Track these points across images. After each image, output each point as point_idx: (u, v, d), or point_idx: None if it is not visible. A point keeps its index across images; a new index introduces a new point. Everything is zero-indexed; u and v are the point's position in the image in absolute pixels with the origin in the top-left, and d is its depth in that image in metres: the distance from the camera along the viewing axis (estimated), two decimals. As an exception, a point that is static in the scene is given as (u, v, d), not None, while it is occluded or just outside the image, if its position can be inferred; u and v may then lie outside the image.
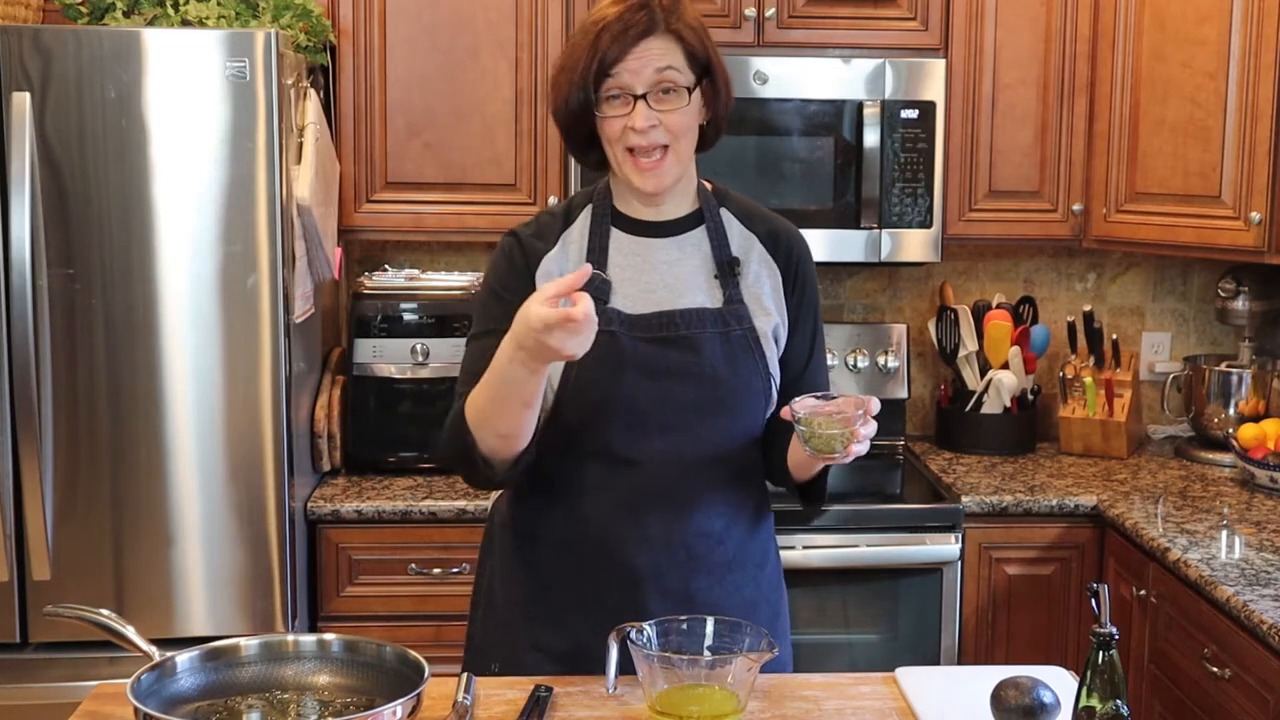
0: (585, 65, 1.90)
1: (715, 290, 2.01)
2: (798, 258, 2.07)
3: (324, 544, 3.05)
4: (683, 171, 2.00)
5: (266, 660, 1.77)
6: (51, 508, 2.79)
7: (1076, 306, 3.71)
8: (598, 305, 1.90)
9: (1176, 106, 3.21)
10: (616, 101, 1.92)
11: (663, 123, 1.91)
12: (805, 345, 2.07)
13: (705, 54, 1.95)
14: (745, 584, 2.04)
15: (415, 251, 3.64)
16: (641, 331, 1.97)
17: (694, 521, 1.99)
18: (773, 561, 2.13)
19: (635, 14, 1.90)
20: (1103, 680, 1.56)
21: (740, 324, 1.99)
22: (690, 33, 1.94)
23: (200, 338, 2.80)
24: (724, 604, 1.98)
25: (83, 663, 2.76)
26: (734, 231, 2.05)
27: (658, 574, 1.98)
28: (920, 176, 3.28)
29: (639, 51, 1.89)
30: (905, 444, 3.66)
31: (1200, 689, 2.59)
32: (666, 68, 1.91)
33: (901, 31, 3.34)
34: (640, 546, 1.98)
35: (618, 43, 1.89)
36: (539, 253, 2.02)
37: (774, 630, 2.06)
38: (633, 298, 1.99)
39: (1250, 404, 3.46)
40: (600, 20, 1.91)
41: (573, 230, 2.04)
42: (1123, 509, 3.03)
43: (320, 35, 3.12)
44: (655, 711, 1.70)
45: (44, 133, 2.71)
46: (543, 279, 1.98)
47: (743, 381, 1.96)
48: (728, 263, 2.01)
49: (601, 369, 1.94)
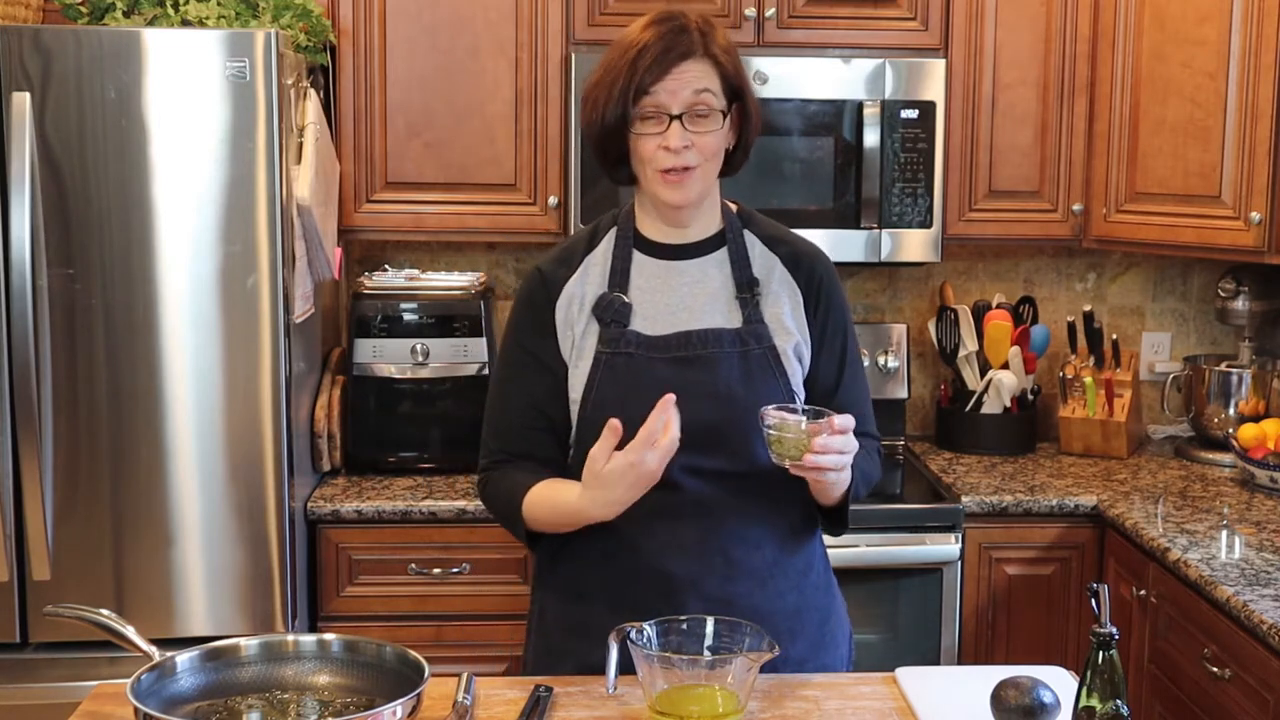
0: (625, 83, 1.94)
1: (735, 311, 2.03)
2: (820, 278, 2.08)
3: (324, 544, 3.05)
4: (706, 190, 2.03)
5: (266, 660, 1.77)
6: (51, 508, 2.79)
7: (1076, 306, 3.71)
8: (618, 328, 1.99)
9: (1176, 106, 3.21)
10: (651, 121, 1.95)
11: (695, 144, 1.95)
12: (834, 365, 2.08)
13: (738, 79, 1.99)
14: (788, 590, 2.04)
15: (415, 251, 3.64)
16: (660, 352, 2.00)
17: (729, 528, 2.00)
18: (818, 568, 2.12)
19: (676, 37, 1.95)
20: (1103, 680, 1.56)
21: (760, 343, 2.01)
22: (726, 58, 1.98)
23: (200, 338, 2.80)
24: (766, 609, 1.98)
25: (83, 663, 2.76)
26: (756, 253, 2.08)
27: (696, 581, 1.98)
28: (920, 176, 3.28)
29: (678, 73, 1.94)
30: (905, 444, 3.66)
31: (1200, 689, 2.59)
32: (703, 90, 1.95)
33: (901, 31, 3.34)
34: (676, 554, 1.99)
35: (658, 64, 1.93)
36: (561, 281, 2.06)
37: (821, 635, 2.08)
38: (653, 319, 2.02)
39: (1250, 404, 3.46)
40: (640, 41, 1.95)
41: (595, 254, 2.07)
42: (1123, 509, 3.03)
43: (320, 35, 3.12)
44: (655, 711, 1.70)
45: (44, 133, 2.71)
46: (563, 307, 2.04)
47: (761, 399, 1.97)
48: (748, 283, 2.04)
49: (620, 390, 1.97)
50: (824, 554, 2.16)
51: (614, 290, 2.03)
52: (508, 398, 2.06)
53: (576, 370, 2.02)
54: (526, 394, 2.05)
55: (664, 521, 1.98)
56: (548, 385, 2.03)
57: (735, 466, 1.99)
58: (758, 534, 2.02)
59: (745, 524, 2.01)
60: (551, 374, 2.03)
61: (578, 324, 2.02)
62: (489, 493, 2.08)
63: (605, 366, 1.99)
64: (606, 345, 2.00)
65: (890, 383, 3.63)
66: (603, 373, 1.99)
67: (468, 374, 3.25)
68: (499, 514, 2.07)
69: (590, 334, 2.01)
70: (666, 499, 1.97)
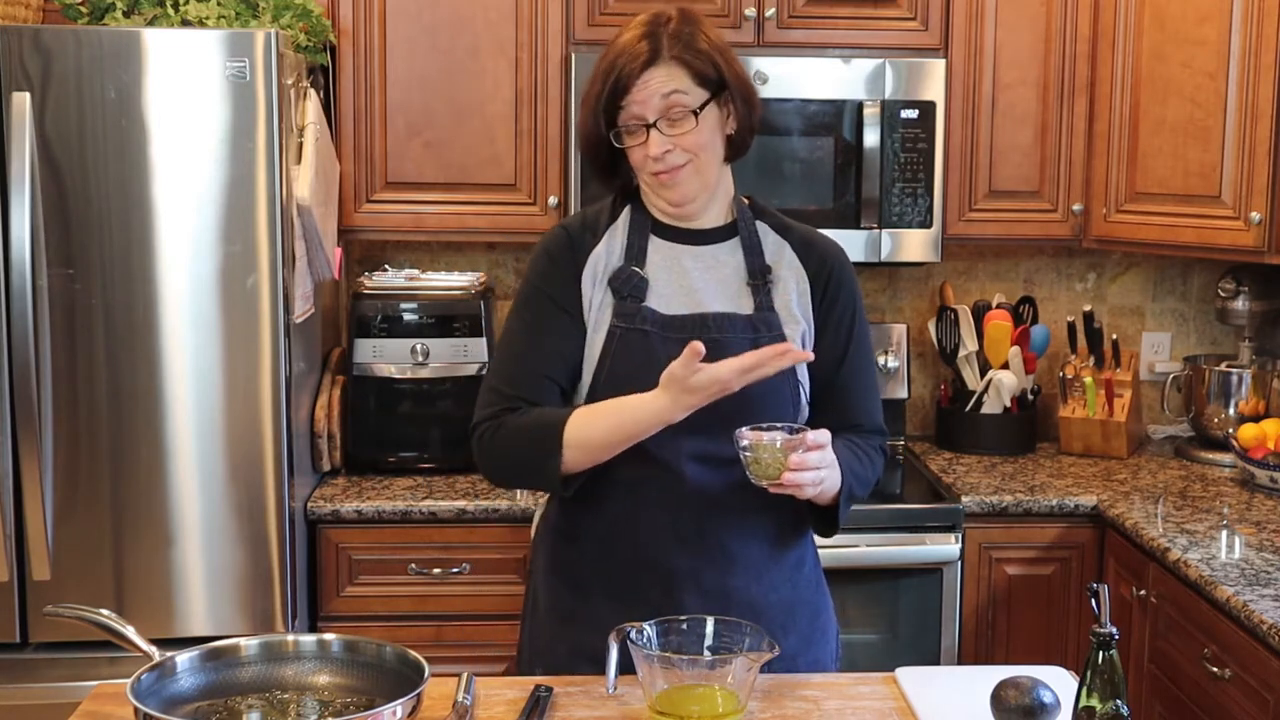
0: (597, 97, 1.98)
1: (746, 298, 2.04)
2: (831, 266, 2.09)
3: (324, 544, 3.05)
4: (705, 182, 2.03)
5: (266, 660, 1.77)
6: (51, 508, 2.79)
7: (1076, 306, 3.71)
8: (633, 303, 2.00)
9: (1176, 106, 3.21)
10: (635, 132, 1.98)
11: (677, 145, 1.97)
12: (836, 354, 2.08)
13: (716, 73, 1.99)
14: (782, 584, 2.06)
15: (415, 251, 3.64)
16: (674, 332, 2.00)
17: (729, 520, 2.01)
18: (811, 563, 2.14)
19: (638, 44, 1.97)
20: (1103, 680, 1.56)
21: (770, 331, 2.02)
22: (696, 56, 1.97)
23: (200, 338, 2.80)
24: (761, 603, 2.00)
25: (83, 663, 2.76)
26: (769, 242, 2.09)
27: (695, 573, 2.00)
28: (920, 176, 3.28)
29: (643, 82, 1.96)
30: (905, 444, 3.66)
31: (1200, 689, 2.59)
32: (672, 92, 1.96)
33: (901, 31, 3.34)
34: (676, 545, 2.00)
35: (626, 76, 1.96)
36: (587, 248, 2.06)
37: (812, 630, 2.10)
38: (667, 298, 2.03)
39: (1250, 404, 3.46)
40: (610, 54, 1.99)
41: (617, 225, 2.08)
42: (1123, 509, 3.03)
43: (320, 35, 3.12)
44: (655, 711, 1.70)
45: (44, 133, 2.71)
46: (589, 276, 2.03)
47: (769, 388, 1.97)
48: (760, 270, 2.05)
49: (633, 367, 1.98)
50: (815, 550, 2.17)
51: (631, 265, 2.03)
52: (530, 344, 2.02)
53: (591, 341, 2.02)
54: (553, 341, 2.02)
55: (664, 512, 1.99)
56: (573, 339, 2.02)
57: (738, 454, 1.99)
58: (755, 527, 2.03)
59: (744, 516, 2.02)
60: (575, 328, 2.02)
61: (596, 292, 2.03)
62: (501, 435, 1.99)
63: (620, 340, 2.00)
64: (621, 319, 2.00)
65: (890, 383, 3.63)
66: (617, 346, 2.00)
67: (468, 374, 3.25)
68: (519, 452, 1.98)
69: (606, 306, 2.02)
70: (669, 488, 1.98)
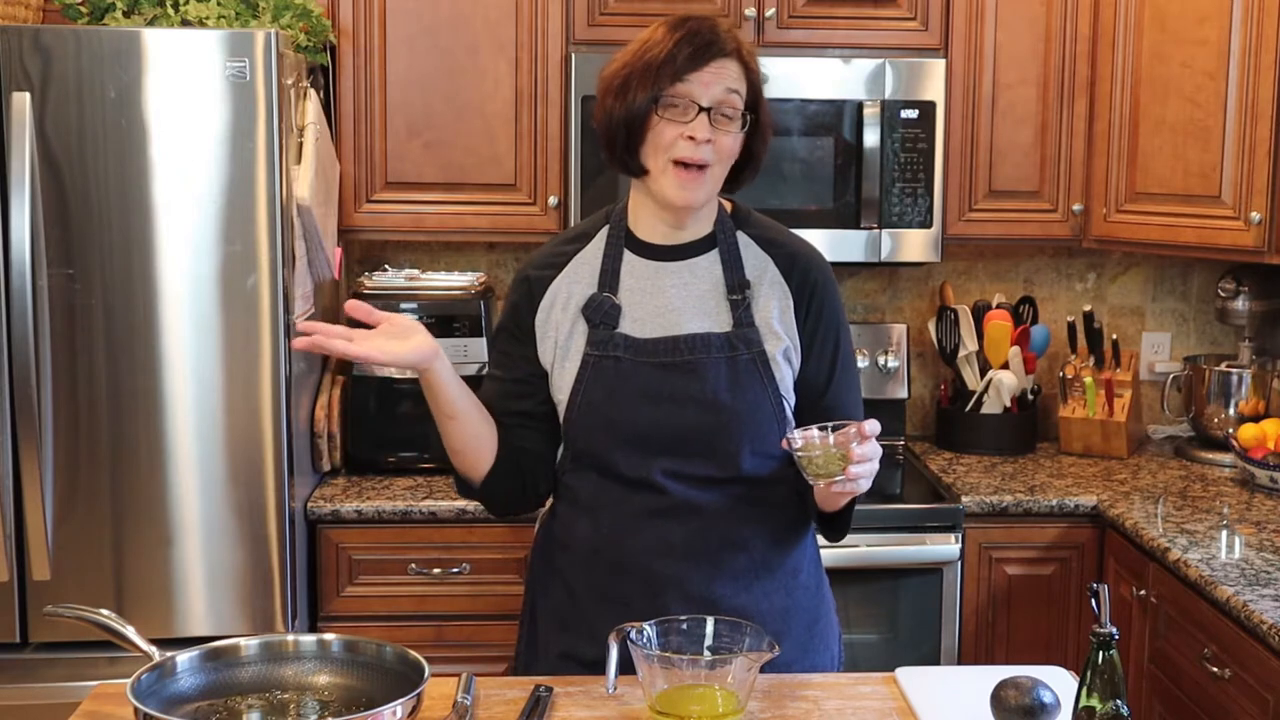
0: (659, 69, 1.93)
1: (725, 312, 2.02)
2: (814, 281, 2.07)
3: (324, 544, 3.05)
4: (710, 194, 2.02)
5: (266, 660, 1.77)
6: (51, 508, 2.79)
7: (1076, 306, 3.71)
8: (606, 330, 2.00)
9: (1176, 106, 3.21)
10: (676, 110, 1.94)
11: (715, 142, 1.95)
12: (824, 368, 2.06)
13: (758, 91, 2.00)
14: (775, 592, 2.05)
15: (415, 251, 3.64)
16: (647, 356, 1.99)
17: (714, 529, 2.00)
18: (809, 569, 2.12)
19: (714, 34, 1.96)
20: (1103, 680, 1.56)
21: (749, 348, 2.00)
22: (755, 65, 2.00)
23: (200, 338, 2.80)
24: (752, 610, 1.98)
25: (83, 663, 2.76)
26: (749, 254, 2.06)
27: (680, 580, 1.99)
28: (920, 176, 3.28)
29: (715, 68, 1.94)
30: (905, 444, 3.66)
31: (1200, 689, 2.59)
32: (733, 90, 1.96)
33: (901, 31, 3.34)
34: (661, 553, 2.00)
35: (699, 55, 1.94)
36: (546, 282, 2.07)
37: (810, 637, 2.09)
38: (642, 321, 2.02)
39: (1250, 404, 3.46)
40: (675, 36, 1.95)
41: (586, 252, 2.07)
42: (1123, 509, 3.03)
43: (320, 35, 3.12)
44: (655, 711, 1.70)
45: (44, 133, 2.71)
46: (545, 309, 2.05)
47: (748, 405, 1.97)
48: (739, 284, 2.03)
49: (604, 393, 1.99)
50: (815, 556, 2.15)
51: (604, 291, 2.02)
52: (486, 393, 2.10)
53: (563, 370, 2.02)
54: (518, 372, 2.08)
55: (652, 522, 2.00)
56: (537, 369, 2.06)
57: (722, 472, 1.99)
58: (745, 536, 2.02)
59: (733, 526, 2.01)
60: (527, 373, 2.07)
61: (563, 325, 2.03)
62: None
63: (593, 369, 2.00)
64: (594, 347, 2.00)
65: (890, 383, 3.63)
66: (590, 374, 2.00)
67: (468, 374, 3.23)
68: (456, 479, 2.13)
69: (578, 334, 2.02)
70: (654, 501, 1.99)
